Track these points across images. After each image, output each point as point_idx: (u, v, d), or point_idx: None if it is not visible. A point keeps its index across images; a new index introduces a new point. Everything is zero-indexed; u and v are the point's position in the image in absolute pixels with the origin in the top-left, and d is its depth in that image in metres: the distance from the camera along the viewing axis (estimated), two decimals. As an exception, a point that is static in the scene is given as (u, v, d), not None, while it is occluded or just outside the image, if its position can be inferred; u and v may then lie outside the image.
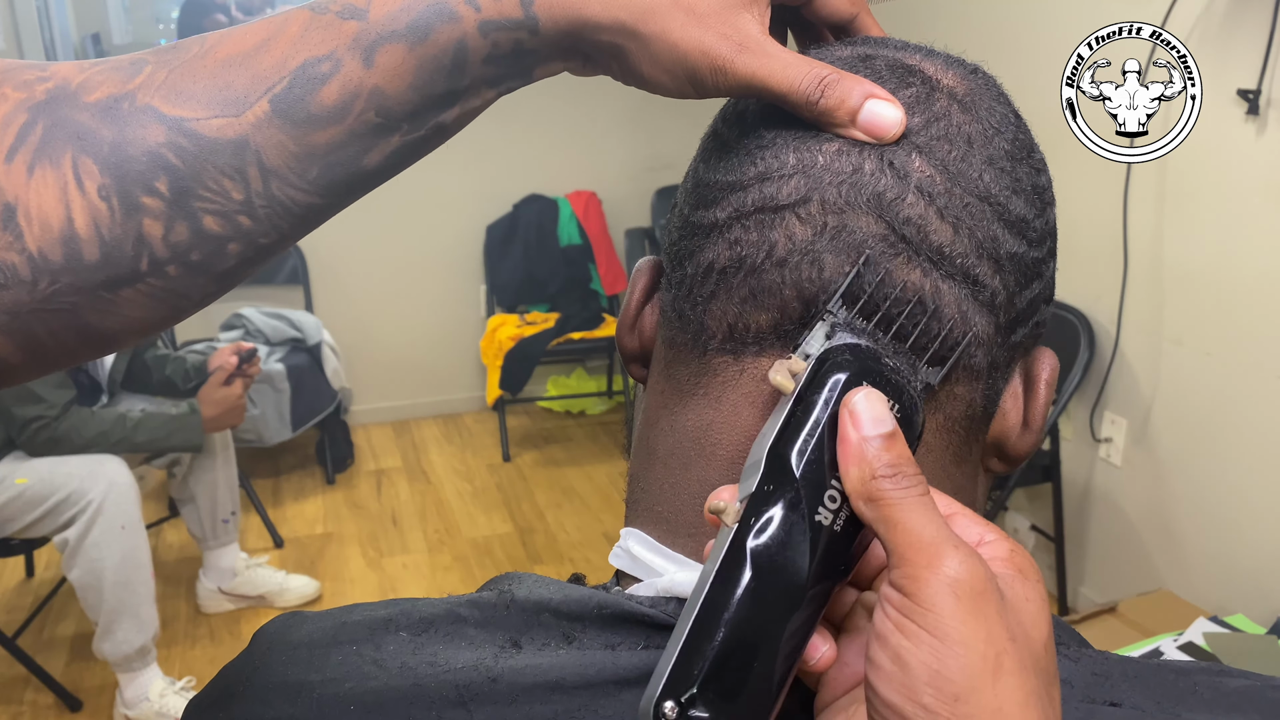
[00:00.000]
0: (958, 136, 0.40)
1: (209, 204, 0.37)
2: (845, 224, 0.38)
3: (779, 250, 0.39)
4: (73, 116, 0.37)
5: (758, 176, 0.40)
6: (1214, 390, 2.11)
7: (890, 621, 0.32)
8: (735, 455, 0.41)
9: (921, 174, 0.39)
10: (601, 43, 0.40)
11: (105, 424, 2.22)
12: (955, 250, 0.38)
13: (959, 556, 0.31)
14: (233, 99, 0.37)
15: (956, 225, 0.39)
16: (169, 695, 2.21)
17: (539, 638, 0.40)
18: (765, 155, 0.40)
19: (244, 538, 2.94)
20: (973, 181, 0.39)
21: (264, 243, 0.39)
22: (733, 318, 0.40)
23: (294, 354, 3.24)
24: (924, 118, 0.40)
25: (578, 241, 3.82)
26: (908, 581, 0.32)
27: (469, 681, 0.39)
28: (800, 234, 0.39)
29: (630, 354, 0.48)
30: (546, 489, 3.33)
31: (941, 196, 0.38)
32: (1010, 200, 0.40)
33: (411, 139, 0.40)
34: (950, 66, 0.42)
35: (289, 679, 0.42)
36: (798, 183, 0.39)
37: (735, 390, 0.41)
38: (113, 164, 0.36)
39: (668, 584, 0.40)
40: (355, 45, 0.38)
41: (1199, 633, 1.78)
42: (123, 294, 0.37)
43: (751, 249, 0.40)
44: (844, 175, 0.39)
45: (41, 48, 3.29)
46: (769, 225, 0.39)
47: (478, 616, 0.42)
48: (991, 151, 0.40)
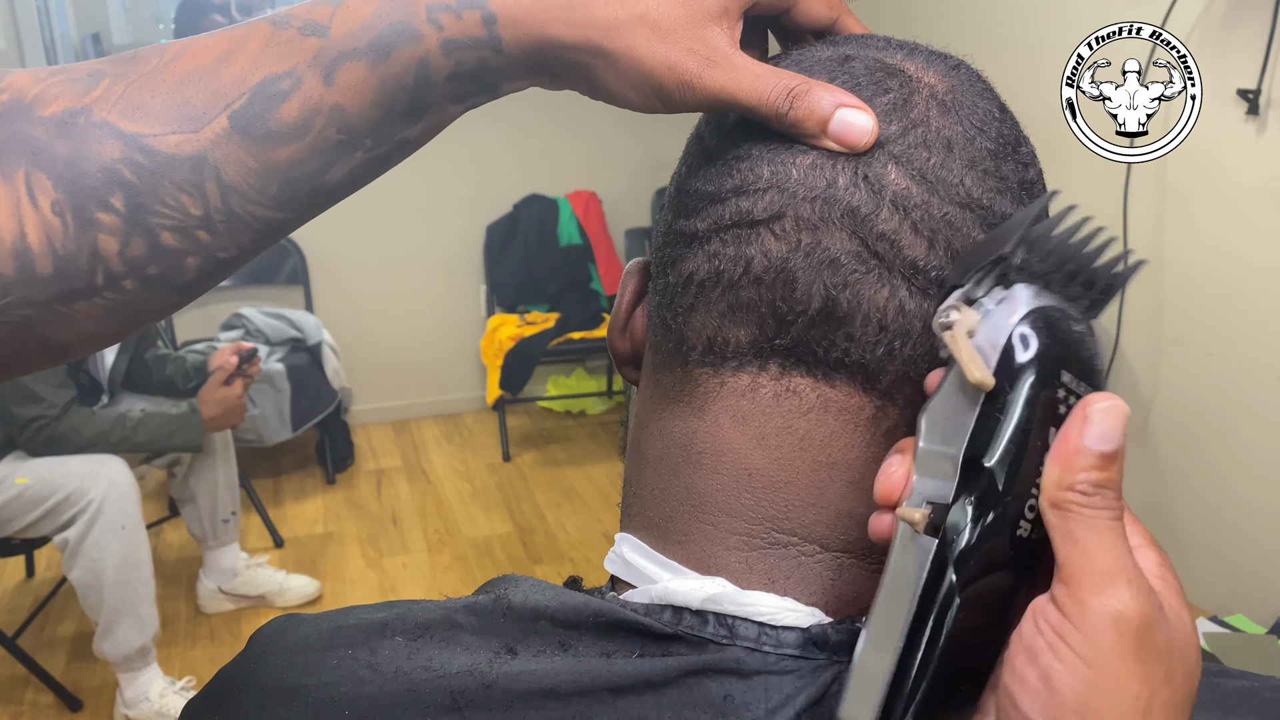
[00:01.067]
0: (936, 142, 0.39)
1: (166, 220, 0.37)
2: (819, 241, 0.38)
3: (755, 267, 0.39)
4: (27, 131, 0.36)
5: (734, 190, 0.40)
6: (1214, 390, 2.11)
7: (1043, 639, 0.31)
8: (719, 465, 0.41)
9: (897, 186, 0.38)
10: (567, 61, 0.40)
11: (105, 424, 2.22)
12: (930, 264, 0.38)
13: (1131, 591, 0.31)
14: (191, 115, 0.37)
15: (932, 239, 0.38)
16: (169, 695, 2.21)
17: (534, 644, 0.40)
18: (741, 168, 0.40)
19: (244, 538, 2.94)
20: (953, 188, 0.39)
21: (223, 257, 0.39)
22: (712, 331, 0.40)
23: (294, 354, 3.24)
24: (901, 125, 0.39)
25: (578, 241, 3.82)
26: (1072, 605, 0.31)
27: (464, 688, 0.39)
28: (775, 250, 0.38)
29: (622, 356, 0.48)
30: (546, 489, 3.33)
31: (918, 209, 0.38)
32: (995, 201, 0.39)
33: (375, 154, 0.40)
34: (932, 64, 0.41)
35: (284, 682, 0.42)
36: (772, 198, 0.39)
37: (717, 403, 0.41)
38: (67, 180, 0.36)
39: (662, 591, 0.40)
40: (316, 63, 0.38)
41: (1199, 633, 1.77)
42: (78, 307, 0.37)
43: (729, 264, 0.39)
44: (818, 191, 0.38)
45: (42, 47, 3.29)
46: (745, 240, 0.39)
47: (474, 623, 0.42)
48: (974, 153, 0.39)
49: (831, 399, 0.39)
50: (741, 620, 0.39)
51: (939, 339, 0.34)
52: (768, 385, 0.40)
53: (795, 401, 0.40)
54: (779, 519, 0.40)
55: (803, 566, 0.40)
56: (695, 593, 0.39)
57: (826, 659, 0.38)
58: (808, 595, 0.40)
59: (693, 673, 0.38)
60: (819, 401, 0.39)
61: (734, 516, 0.41)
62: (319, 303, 3.65)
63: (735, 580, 0.40)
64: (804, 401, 0.40)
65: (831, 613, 0.40)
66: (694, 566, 0.41)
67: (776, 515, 0.40)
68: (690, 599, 0.39)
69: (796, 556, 0.40)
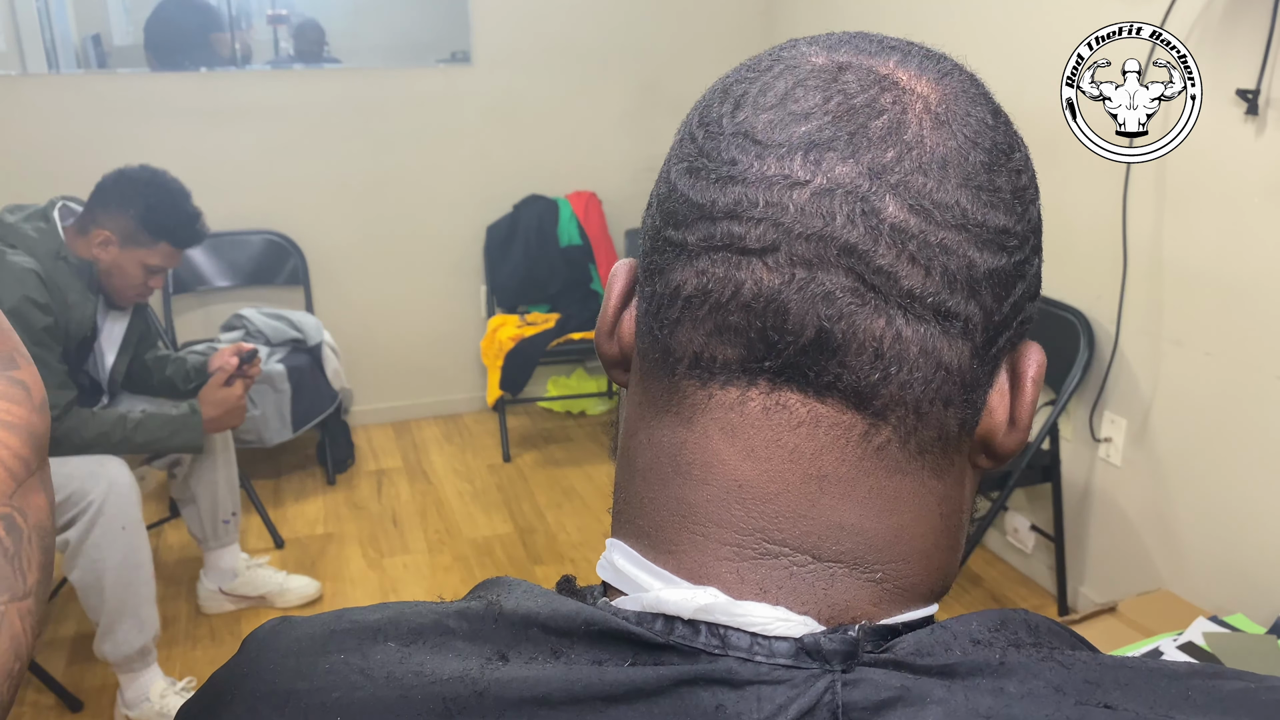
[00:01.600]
0: (931, 163, 0.39)
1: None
2: (814, 276, 0.38)
3: (745, 293, 0.39)
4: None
5: (726, 212, 0.39)
6: (1214, 390, 2.11)
7: None
8: (708, 476, 0.41)
9: (895, 219, 0.38)
10: None
11: (106, 425, 2.22)
12: (926, 290, 0.38)
13: None
14: None
15: (929, 266, 0.38)
16: (170, 696, 2.21)
17: (526, 651, 0.40)
18: (735, 190, 0.39)
19: (245, 538, 2.94)
20: (948, 210, 0.38)
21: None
22: (698, 347, 0.40)
23: (294, 355, 3.24)
24: (896, 151, 0.39)
25: (578, 242, 3.82)
26: None
27: (455, 694, 0.39)
28: (767, 281, 0.38)
29: (611, 360, 0.47)
30: (547, 489, 3.33)
31: (914, 240, 0.38)
32: (989, 216, 0.39)
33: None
34: (924, 71, 0.41)
35: (277, 687, 0.42)
36: (766, 230, 0.38)
37: (705, 415, 0.41)
38: None
39: (654, 600, 0.40)
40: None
41: (1199, 632, 1.78)
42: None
43: (718, 284, 0.39)
44: (814, 230, 0.38)
45: (42, 48, 3.29)
46: (736, 265, 0.39)
47: (466, 629, 0.42)
48: (968, 169, 0.39)
49: (822, 414, 0.39)
50: (734, 630, 0.39)
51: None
52: (757, 399, 0.40)
53: (785, 416, 0.40)
54: (770, 530, 0.40)
55: (794, 577, 0.40)
56: (687, 603, 0.39)
57: (819, 668, 0.38)
58: (800, 605, 0.40)
59: (685, 682, 0.38)
60: (809, 416, 0.39)
61: (724, 527, 0.41)
62: (319, 303, 3.65)
63: (727, 590, 0.40)
64: (794, 416, 0.39)
65: (824, 622, 0.40)
66: (685, 576, 0.41)
67: (767, 526, 0.40)
68: (682, 609, 0.39)
69: (788, 567, 0.40)
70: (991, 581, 2.71)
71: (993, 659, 0.39)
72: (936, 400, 0.40)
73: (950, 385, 0.40)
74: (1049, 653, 0.40)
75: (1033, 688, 0.38)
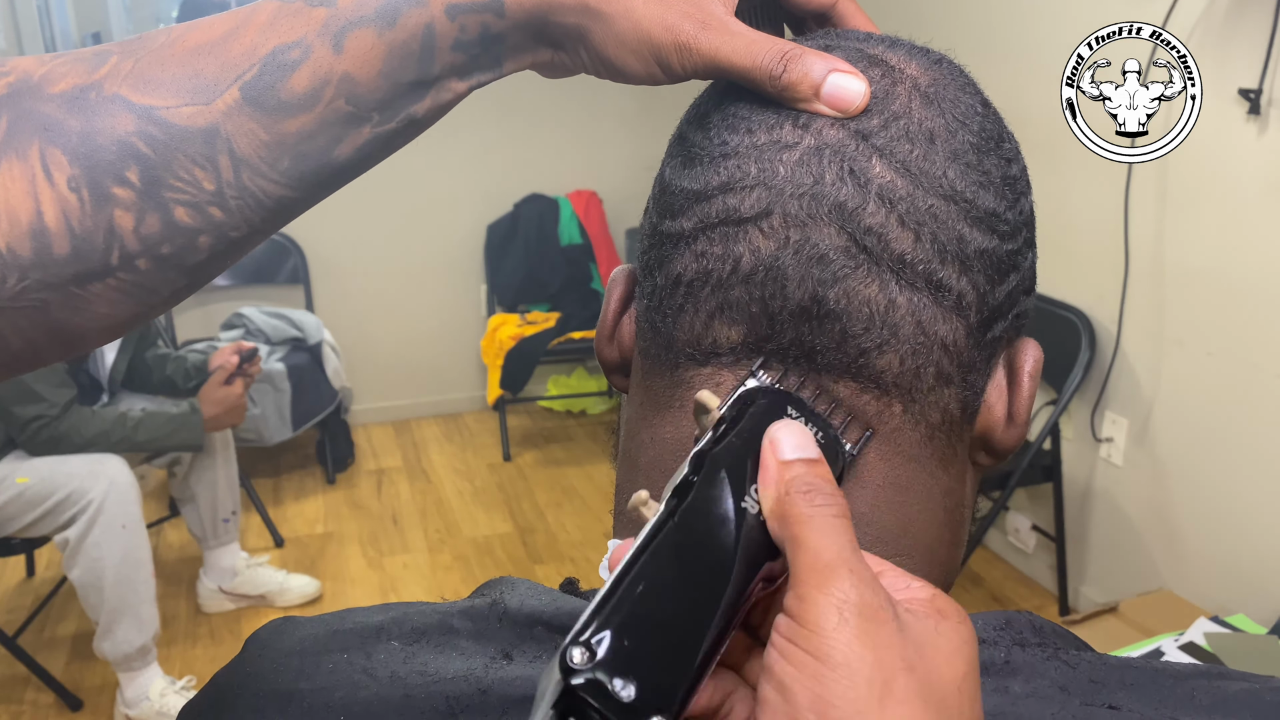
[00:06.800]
0: (919, 134, 0.39)
1: (180, 194, 0.37)
2: (808, 237, 0.38)
3: (744, 265, 0.39)
4: (38, 108, 0.36)
5: (720, 187, 0.40)
6: (1215, 390, 2.11)
7: (776, 650, 0.30)
8: None
9: (882, 180, 0.38)
10: (566, 25, 0.40)
11: (106, 423, 2.22)
12: (917, 257, 0.38)
13: (852, 579, 0.29)
14: (202, 86, 0.37)
15: (918, 231, 0.38)
16: (169, 695, 2.21)
17: (530, 650, 0.40)
18: (728, 165, 0.40)
19: (244, 537, 2.94)
20: (936, 180, 0.39)
21: (234, 236, 0.39)
22: (701, 330, 0.40)
23: (294, 353, 3.24)
24: (883, 117, 0.39)
25: (578, 241, 3.82)
26: (796, 603, 0.29)
27: (459, 693, 0.39)
28: (764, 248, 0.39)
29: (610, 365, 0.47)
30: (547, 489, 3.33)
31: (903, 202, 0.38)
32: (978, 195, 0.39)
33: (382, 131, 0.40)
34: (914, 57, 0.42)
35: (279, 687, 0.42)
36: (759, 195, 0.39)
37: None
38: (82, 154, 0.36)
39: None
40: (325, 31, 0.38)
41: (1200, 633, 1.77)
42: (92, 289, 0.37)
43: (717, 262, 0.39)
44: (805, 187, 0.38)
45: (42, 47, 3.29)
46: (733, 238, 0.39)
47: (470, 628, 0.42)
48: (956, 146, 0.40)
49: (831, 397, 0.39)
50: None
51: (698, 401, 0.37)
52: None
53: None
54: None
55: None
56: None
57: None
58: None
59: None
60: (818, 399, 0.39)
61: None
62: (319, 302, 3.65)
63: None
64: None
65: None
66: None
67: None
68: None
69: None
70: (993, 581, 2.71)
71: (998, 657, 0.39)
72: (939, 379, 0.40)
73: (947, 362, 0.40)
74: (1054, 652, 0.39)
75: (1038, 687, 0.38)
